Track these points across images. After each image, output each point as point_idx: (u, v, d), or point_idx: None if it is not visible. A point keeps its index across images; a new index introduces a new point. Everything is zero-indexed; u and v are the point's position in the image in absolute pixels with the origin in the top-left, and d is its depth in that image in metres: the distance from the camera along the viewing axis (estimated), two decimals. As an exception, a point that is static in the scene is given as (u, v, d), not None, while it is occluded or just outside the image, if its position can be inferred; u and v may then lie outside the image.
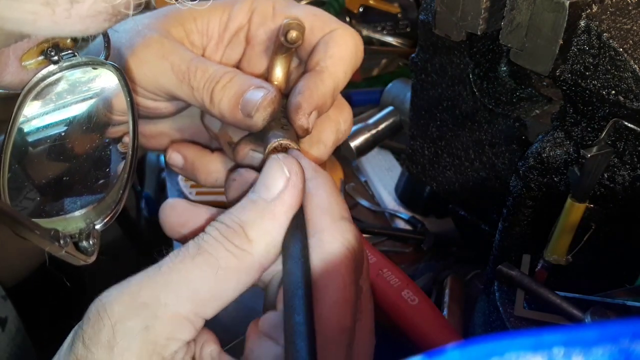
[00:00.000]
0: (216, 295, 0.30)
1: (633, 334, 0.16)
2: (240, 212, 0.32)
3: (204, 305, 0.30)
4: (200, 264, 0.30)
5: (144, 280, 0.30)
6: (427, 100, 0.63)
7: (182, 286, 0.29)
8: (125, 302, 0.29)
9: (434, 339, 0.53)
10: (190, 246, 0.31)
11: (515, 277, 0.46)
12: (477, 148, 0.59)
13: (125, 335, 0.28)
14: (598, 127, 0.43)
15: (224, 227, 0.31)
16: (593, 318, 0.41)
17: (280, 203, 0.32)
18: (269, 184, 0.33)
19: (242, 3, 0.45)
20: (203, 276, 0.30)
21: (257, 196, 0.33)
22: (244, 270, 0.31)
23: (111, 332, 0.28)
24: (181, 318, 0.29)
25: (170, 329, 0.29)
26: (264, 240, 0.31)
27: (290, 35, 0.39)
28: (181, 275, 0.30)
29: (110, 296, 0.29)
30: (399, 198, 0.84)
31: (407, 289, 0.57)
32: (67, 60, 0.35)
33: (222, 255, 0.30)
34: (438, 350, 0.18)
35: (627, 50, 0.39)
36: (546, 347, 0.17)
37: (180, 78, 0.40)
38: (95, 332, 0.28)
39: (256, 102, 0.38)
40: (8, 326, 0.70)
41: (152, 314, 0.28)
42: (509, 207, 0.51)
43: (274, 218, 0.32)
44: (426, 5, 0.56)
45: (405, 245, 0.77)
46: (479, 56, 0.56)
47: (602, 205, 0.44)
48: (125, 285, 0.30)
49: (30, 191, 0.37)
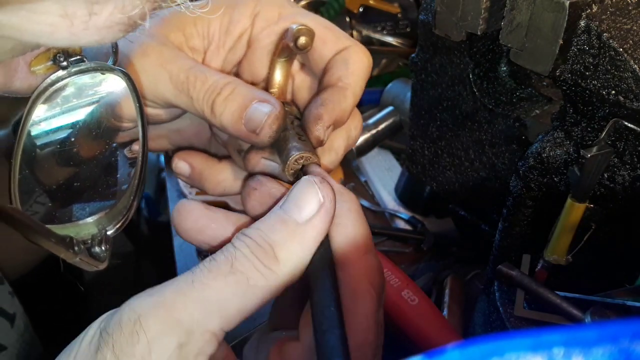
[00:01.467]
0: (241, 311, 0.31)
1: (633, 334, 0.16)
2: (271, 230, 0.32)
3: (229, 321, 0.31)
4: (232, 283, 0.30)
5: (178, 295, 0.30)
6: (427, 100, 0.63)
7: (214, 303, 0.30)
8: (161, 317, 0.29)
9: (434, 339, 0.53)
10: (222, 262, 0.31)
11: (515, 277, 0.46)
12: (477, 148, 0.59)
13: (161, 353, 0.28)
14: (598, 127, 0.43)
15: (255, 245, 0.32)
16: (593, 318, 0.41)
17: (312, 227, 0.32)
18: (302, 206, 0.33)
19: (244, 6, 0.44)
20: (234, 294, 0.30)
21: (287, 216, 0.33)
22: (268, 289, 0.31)
23: (147, 348, 0.28)
24: (210, 334, 0.30)
25: (201, 346, 0.29)
26: (291, 263, 0.32)
27: (301, 41, 0.38)
28: (214, 293, 0.30)
29: (144, 307, 0.29)
30: (399, 198, 0.84)
31: (407, 289, 0.57)
32: (76, 66, 0.35)
33: (252, 275, 0.31)
34: (438, 350, 0.18)
35: (627, 50, 0.39)
36: (546, 347, 0.17)
37: (179, 88, 0.40)
38: (128, 345, 0.28)
39: (261, 119, 0.38)
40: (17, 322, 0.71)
41: (186, 332, 0.29)
42: (509, 207, 0.51)
43: (303, 242, 0.32)
44: (426, 5, 0.56)
45: (405, 245, 0.77)
46: (479, 56, 0.56)
47: (602, 205, 0.44)
48: (159, 296, 0.30)
49: (40, 195, 0.37)
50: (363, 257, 0.33)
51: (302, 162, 0.37)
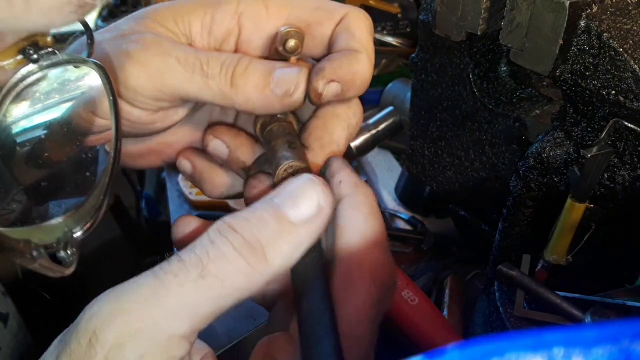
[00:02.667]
0: (215, 312, 0.28)
1: (633, 334, 0.16)
2: (262, 226, 0.29)
3: (201, 322, 0.28)
4: (203, 288, 0.27)
5: (138, 303, 0.27)
6: (427, 100, 0.63)
7: (181, 309, 0.27)
8: (118, 329, 0.26)
9: (434, 339, 0.53)
10: (192, 265, 0.28)
11: (515, 277, 0.46)
12: (477, 148, 0.59)
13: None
14: (598, 127, 0.43)
15: (241, 241, 0.29)
16: (593, 318, 0.41)
17: (307, 229, 0.30)
18: (300, 203, 0.30)
19: (227, 4, 0.41)
20: (204, 299, 0.28)
21: (281, 212, 0.30)
22: (248, 289, 0.29)
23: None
24: (178, 338, 0.27)
25: (167, 351, 0.27)
26: (279, 263, 0.29)
27: (290, 44, 0.37)
28: (180, 299, 0.27)
29: (100, 317, 0.27)
30: (399, 198, 0.84)
31: (407, 289, 0.57)
32: (47, 59, 0.33)
33: (228, 277, 0.28)
34: (438, 350, 0.18)
35: (627, 50, 0.39)
36: (546, 347, 0.17)
37: (190, 70, 0.37)
38: (83, 357, 0.26)
39: (294, 78, 0.36)
40: (10, 322, 0.70)
41: (148, 340, 0.27)
42: (509, 207, 0.51)
43: (297, 243, 0.30)
44: (426, 5, 0.56)
45: (405, 245, 0.77)
46: (479, 56, 0.56)
47: (602, 205, 0.44)
48: (116, 304, 0.27)
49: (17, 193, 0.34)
50: (369, 251, 0.31)
51: (290, 172, 0.35)
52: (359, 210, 0.33)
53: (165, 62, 0.37)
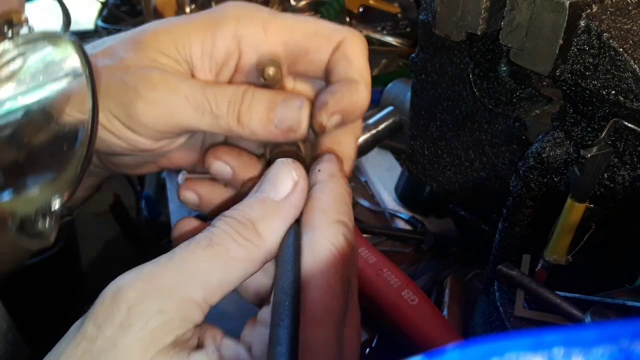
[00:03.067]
0: (223, 283, 0.32)
1: (633, 334, 0.16)
2: (249, 209, 0.34)
3: (212, 292, 0.31)
4: (211, 254, 0.32)
5: (158, 268, 0.31)
6: (427, 100, 0.63)
7: (194, 274, 0.31)
8: (140, 287, 0.30)
9: (434, 339, 0.53)
10: (202, 238, 0.32)
11: (515, 277, 0.46)
12: (477, 148, 0.59)
13: (140, 316, 0.29)
14: (598, 127, 0.43)
15: (235, 221, 0.33)
16: (593, 318, 0.41)
17: (288, 204, 0.35)
18: (278, 185, 0.35)
19: (225, 27, 0.41)
20: (213, 266, 0.31)
21: (264, 195, 0.35)
22: (250, 261, 0.33)
23: (126, 314, 0.29)
24: (192, 303, 0.30)
25: (183, 313, 0.30)
26: (271, 236, 0.34)
27: (267, 73, 0.39)
28: (193, 264, 0.31)
29: (124, 282, 0.30)
30: (399, 198, 0.84)
31: (407, 289, 0.57)
32: (22, 37, 0.33)
33: (231, 247, 0.32)
34: (438, 350, 0.18)
35: (627, 50, 0.39)
36: (546, 347, 0.17)
37: (200, 110, 0.38)
38: (108, 315, 0.29)
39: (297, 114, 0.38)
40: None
41: (166, 297, 0.30)
42: (509, 207, 0.51)
43: (281, 217, 0.34)
44: (426, 5, 0.56)
45: (405, 245, 0.77)
46: (479, 56, 0.56)
47: (602, 205, 0.44)
48: (138, 272, 0.31)
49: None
50: (331, 224, 0.35)
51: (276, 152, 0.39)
52: (326, 194, 0.36)
53: (174, 102, 0.39)
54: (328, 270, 0.33)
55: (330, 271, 0.33)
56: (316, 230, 0.34)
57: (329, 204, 0.36)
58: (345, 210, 0.36)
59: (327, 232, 0.34)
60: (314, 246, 0.33)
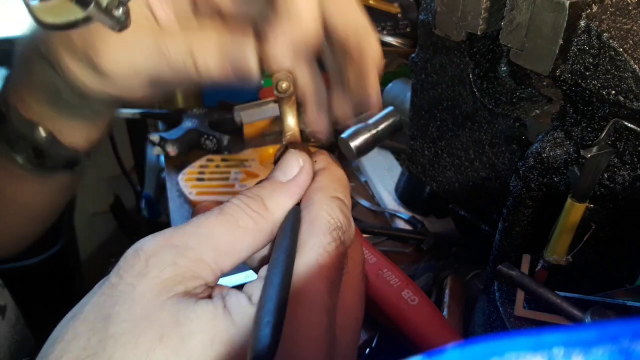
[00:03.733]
0: (234, 249, 0.34)
1: (633, 334, 0.16)
2: (259, 188, 0.38)
3: (223, 257, 0.34)
4: (223, 221, 0.34)
5: (176, 230, 0.34)
6: (427, 100, 0.63)
7: (206, 237, 0.34)
8: (158, 243, 0.33)
9: (434, 339, 0.53)
10: (215, 209, 0.36)
11: (515, 277, 0.46)
12: (477, 148, 0.59)
13: (156, 265, 0.32)
14: (598, 127, 0.43)
15: (245, 197, 0.36)
16: (593, 318, 0.41)
17: (295, 183, 0.38)
18: (286, 170, 0.38)
19: None
20: (224, 232, 0.34)
21: (273, 179, 0.38)
22: (258, 232, 0.35)
23: (144, 264, 0.32)
24: (204, 263, 0.33)
25: (195, 269, 0.32)
26: (278, 210, 0.36)
27: (281, 86, 0.43)
28: (206, 229, 0.34)
29: (146, 240, 0.33)
30: (399, 198, 0.84)
31: (407, 289, 0.57)
32: None
33: (241, 217, 0.35)
34: (438, 350, 0.18)
35: (627, 50, 0.39)
36: (546, 347, 0.17)
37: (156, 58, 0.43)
38: (129, 265, 0.32)
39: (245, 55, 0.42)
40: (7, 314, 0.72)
41: (181, 254, 0.32)
42: (509, 207, 0.51)
43: (288, 194, 0.37)
44: (426, 5, 0.56)
45: (405, 245, 0.77)
46: (479, 56, 0.56)
47: (602, 205, 0.44)
48: (158, 234, 0.34)
49: None
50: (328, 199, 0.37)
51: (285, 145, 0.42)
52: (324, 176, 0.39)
53: (133, 55, 0.44)
54: (324, 236, 0.35)
55: (326, 237, 0.35)
56: (315, 204, 0.37)
57: (326, 183, 0.39)
58: (342, 191, 0.39)
59: (324, 205, 0.37)
60: (311, 215, 0.36)
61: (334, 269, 0.34)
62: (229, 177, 0.89)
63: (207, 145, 0.98)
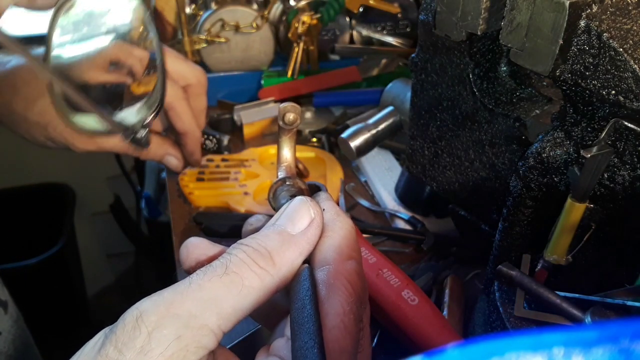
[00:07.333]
0: (237, 310, 0.33)
1: (633, 334, 0.16)
2: (266, 239, 0.35)
3: (226, 319, 0.32)
4: (227, 282, 0.33)
5: (176, 294, 0.32)
6: (427, 100, 0.63)
7: (210, 302, 0.32)
8: (160, 313, 0.31)
9: (434, 339, 0.53)
10: (218, 266, 0.33)
11: (515, 277, 0.46)
12: (477, 148, 0.59)
13: (160, 342, 0.30)
14: (598, 127, 0.43)
15: (251, 249, 0.34)
16: (593, 318, 0.41)
17: (304, 237, 0.36)
18: (295, 220, 0.36)
19: None
20: (228, 295, 0.32)
21: (281, 229, 0.36)
22: (263, 290, 0.34)
23: (147, 339, 0.30)
24: (208, 329, 0.31)
25: (199, 339, 0.31)
26: (286, 266, 0.35)
27: (288, 118, 0.42)
28: (209, 292, 0.32)
29: (146, 306, 0.31)
30: (399, 198, 0.84)
31: (407, 289, 0.57)
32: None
33: (246, 275, 0.33)
34: (438, 350, 0.18)
35: (627, 50, 0.39)
36: (546, 347, 0.17)
37: None
38: (130, 339, 0.30)
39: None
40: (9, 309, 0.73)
41: (184, 325, 0.31)
42: (509, 207, 0.51)
43: (297, 249, 0.35)
44: (426, 5, 0.56)
45: (405, 245, 0.77)
46: (479, 56, 0.56)
47: (602, 205, 0.44)
48: (159, 297, 0.32)
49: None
50: (345, 261, 0.36)
51: (286, 190, 0.42)
52: (337, 232, 0.37)
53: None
54: (343, 309, 0.33)
55: (345, 310, 0.33)
56: (331, 269, 0.35)
57: (339, 240, 0.37)
58: (355, 248, 0.37)
59: (342, 269, 0.35)
60: (330, 283, 0.34)
61: (353, 348, 0.33)
62: (229, 177, 0.89)
63: (207, 145, 0.98)
